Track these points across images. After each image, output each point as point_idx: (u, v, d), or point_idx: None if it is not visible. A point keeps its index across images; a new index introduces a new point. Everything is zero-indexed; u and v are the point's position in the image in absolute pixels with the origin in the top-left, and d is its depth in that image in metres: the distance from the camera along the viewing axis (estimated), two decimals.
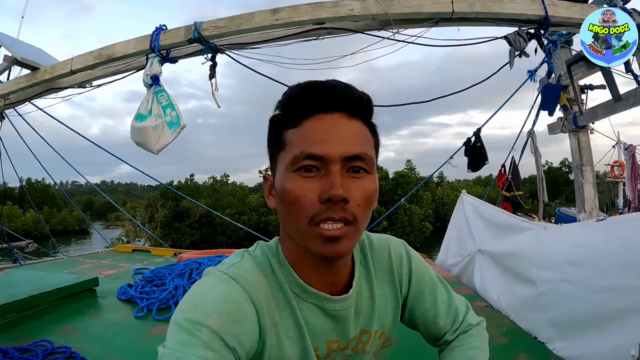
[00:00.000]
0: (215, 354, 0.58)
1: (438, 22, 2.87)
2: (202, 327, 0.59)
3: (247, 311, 0.64)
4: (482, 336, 0.88)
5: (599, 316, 1.49)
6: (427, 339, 0.90)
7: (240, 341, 0.61)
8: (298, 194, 0.62)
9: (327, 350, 0.73)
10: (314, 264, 0.70)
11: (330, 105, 0.64)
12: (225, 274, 0.67)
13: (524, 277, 2.06)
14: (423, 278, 0.85)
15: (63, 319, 2.13)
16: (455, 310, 0.87)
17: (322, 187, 0.62)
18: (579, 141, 4.19)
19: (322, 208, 0.61)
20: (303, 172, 0.63)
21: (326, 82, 0.66)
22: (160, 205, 27.54)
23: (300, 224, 0.63)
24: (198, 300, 0.63)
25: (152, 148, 2.65)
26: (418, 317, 0.85)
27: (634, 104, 3.18)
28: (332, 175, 0.61)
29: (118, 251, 4.54)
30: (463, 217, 3.32)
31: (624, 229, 1.59)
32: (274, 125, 0.70)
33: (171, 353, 0.57)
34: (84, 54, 2.89)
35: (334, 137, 0.63)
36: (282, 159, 0.66)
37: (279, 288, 0.70)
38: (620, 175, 12.28)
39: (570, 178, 31.65)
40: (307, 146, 0.62)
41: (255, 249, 0.76)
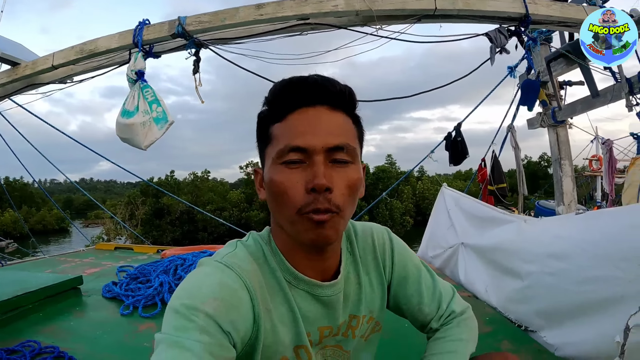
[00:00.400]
0: (211, 337, 0.60)
1: (421, 19, 2.91)
2: (198, 312, 0.60)
3: (242, 297, 0.66)
4: (467, 326, 0.89)
5: (583, 306, 1.54)
6: (415, 326, 0.92)
7: (236, 326, 0.63)
8: (285, 185, 0.65)
9: (319, 336, 0.76)
10: (305, 252, 0.73)
11: (312, 99, 0.67)
12: (220, 262, 0.70)
13: (510, 270, 2.10)
14: (406, 264, 0.87)
15: (49, 319, 2.10)
16: (439, 297, 0.88)
17: (306, 177, 0.65)
18: (558, 136, 4.32)
19: (309, 199, 0.64)
20: (289, 164, 0.66)
21: (308, 77, 0.69)
22: (140, 203, 27.13)
23: (288, 214, 0.67)
24: (194, 288, 0.65)
25: (140, 144, 2.62)
26: (403, 304, 0.88)
27: (611, 99, 3.30)
28: (316, 166, 0.64)
29: (100, 249, 4.46)
30: (444, 209, 3.36)
31: (602, 222, 1.64)
32: (261, 120, 0.72)
33: (167, 337, 0.59)
34: (65, 49, 2.83)
35: (316, 129, 0.66)
36: (269, 152, 0.69)
37: (272, 275, 0.73)
38: (598, 169, 12.68)
39: (549, 172, 32.44)
40: (291, 139, 0.65)
41: (248, 238, 0.78)
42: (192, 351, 0.57)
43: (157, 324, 2.07)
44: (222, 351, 0.60)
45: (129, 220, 23.45)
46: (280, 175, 0.66)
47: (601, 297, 1.47)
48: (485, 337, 1.86)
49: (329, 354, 0.80)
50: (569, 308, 1.63)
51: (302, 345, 0.73)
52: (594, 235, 1.60)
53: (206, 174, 33.14)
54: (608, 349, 1.36)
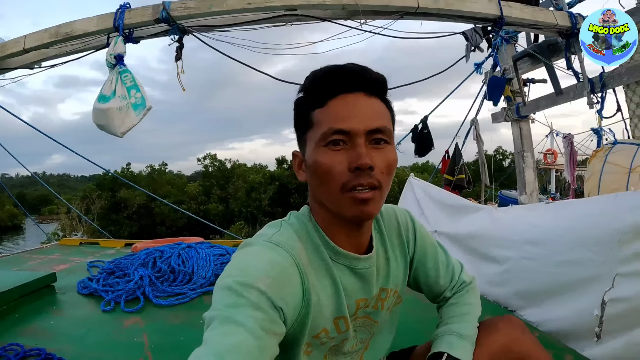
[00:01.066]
0: (263, 313, 0.62)
1: (403, 16, 2.98)
2: (250, 289, 0.62)
3: (292, 274, 0.69)
4: (474, 292, 1.00)
5: (561, 286, 1.67)
6: (428, 297, 1.01)
7: (287, 302, 0.66)
8: (329, 165, 0.70)
9: (355, 308, 0.81)
10: (344, 228, 0.77)
11: (351, 86, 0.72)
12: (269, 242, 0.72)
13: (487, 256, 2.22)
14: (425, 241, 0.95)
15: (26, 320, 1.98)
16: (452, 270, 0.98)
17: (350, 158, 0.69)
18: (521, 129, 4.57)
19: (352, 176, 0.69)
20: (332, 146, 0.70)
21: (345, 65, 0.73)
22: (96, 197, 25.86)
23: (332, 191, 0.71)
24: (246, 266, 0.67)
25: (116, 131, 2.50)
26: (422, 277, 0.96)
27: (574, 97, 3.52)
28: (359, 147, 0.69)
29: (65, 245, 4.24)
30: (413, 199, 3.44)
31: (573, 211, 1.78)
32: (300, 107, 0.77)
33: (219, 314, 0.61)
34: (39, 31, 2.62)
35: (357, 113, 0.70)
36: (311, 136, 0.73)
37: (316, 251, 0.77)
38: (553, 163, 13.49)
39: (503, 165, 34.10)
40: (334, 123, 0.70)
41: (290, 217, 0.82)
42: (245, 326, 0.59)
43: (142, 319, 2.01)
44: (274, 326, 0.63)
45: (85, 215, 22.29)
46: (324, 156, 0.70)
47: (577, 277, 1.60)
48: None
49: (359, 324, 0.85)
50: (547, 288, 1.76)
51: (342, 316, 0.78)
52: (568, 223, 1.73)
53: (163, 167, 32.06)
54: (586, 322, 1.50)
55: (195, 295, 2.31)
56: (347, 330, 0.79)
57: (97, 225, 22.00)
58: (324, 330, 0.76)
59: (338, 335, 0.79)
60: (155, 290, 2.35)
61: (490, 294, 2.15)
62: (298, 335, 0.73)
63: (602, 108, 3.39)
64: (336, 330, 0.78)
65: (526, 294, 1.90)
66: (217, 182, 30.35)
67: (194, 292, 2.33)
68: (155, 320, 2.01)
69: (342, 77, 0.72)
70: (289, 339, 0.71)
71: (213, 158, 32.23)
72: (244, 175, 30.24)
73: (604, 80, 3.31)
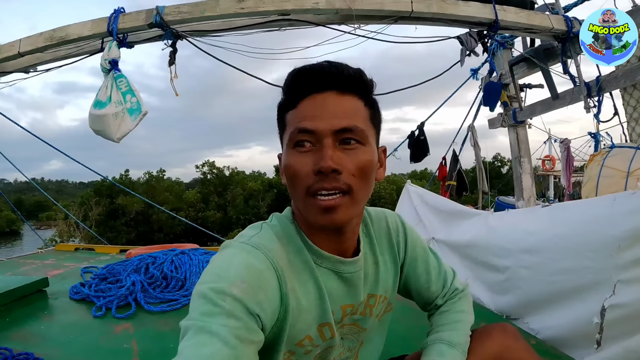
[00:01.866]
0: (238, 321, 0.60)
1: (397, 20, 2.98)
2: (225, 296, 0.60)
3: (269, 278, 0.67)
4: (467, 300, 0.97)
5: (559, 294, 1.65)
6: (420, 304, 0.98)
7: (263, 308, 0.64)
8: (296, 168, 0.68)
9: (342, 314, 0.78)
10: (324, 232, 0.74)
11: (321, 85, 0.69)
12: (247, 244, 0.70)
13: (487, 264, 2.20)
14: (416, 246, 0.92)
15: (16, 324, 1.96)
16: (444, 276, 0.95)
17: (315, 160, 0.66)
18: (518, 135, 4.55)
19: (315, 180, 0.66)
20: (299, 148, 0.68)
21: (316, 64, 0.71)
22: (94, 203, 25.84)
23: (299, 195, 0.69)
24: (221, 270, 0.65)
25: (112, 136, 2.50)
26: (412, 283, 0.93)
27: (570, 102, 3.51)
28: (324, 149, 0.66)
29: (60, 250, 4.22)
30: (410, 206, 3.43)
31: (569, 216, 1.76)
32: (279, 109, 0.75)
33: (194, 324, 0.59)
34: (33, 35, 2.63)
35: (323, 113, 0.68)
36: (284, 138, 0.72)
37: (298, 254, 0.74)
38: (551, 169, 13.48)
39: (502, 172, 34.10)
40: (299, 122, 0.68)
41: (272, 219, 0.79)
42: (219, 336, 0.57)
43: (133, 325, 1.99)
44: (250, 334, 0.61)
45: (82, 222, 22.28)
46: (291, 158, 0.69)
47: (575, 284, 1.58)
48: None
49: (345, 332, 0.82)
50: (545, 297, 1.74)
51: (326, 322, 0.75)
52: (563, 230, 1.71)
53: (161, 173, 32.01)
54: (584, 330, 1.48)
55: (187, 301, 2.28)
56: (332, 338, 0.77)
57: (95, 231, 21.96)
58: (308, 337, 0.73)
59: (323, 343, 0.76)
60: (147, 296, 2.33)
61: (492, 303, 2.13)
62: (276, 341, 0.70)
63: (599, 112, 3.37)
64: (321, 337, 0.75)
65: (526, 302, 1.88)
66: (215, 190, 30.38)
67: (186, 299, 2.31)
68: (145, 326, 1.99)
69: (311, 76, 0.70)
70: (267, 345, 0.68)
71: (211, 165, 32.29)
72: (242, 182, 30.29)
73: (601, 83, 3.30)
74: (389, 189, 27.46)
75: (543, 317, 1.75)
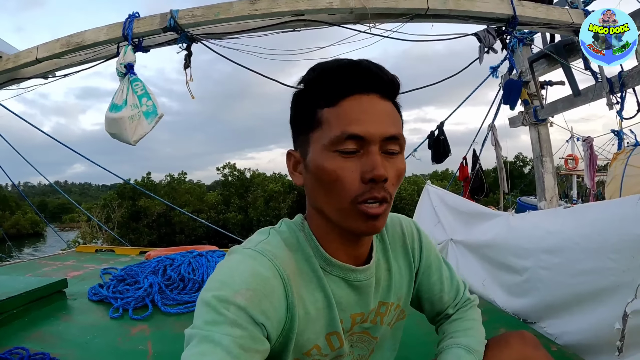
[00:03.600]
0: (242, 330, 0.58)
1: (413, 18, 2.94)
2: (229, 305, 0.59)
3: (275, 286, 0.65)
4: (478, 311, 0.96)
5: (579, 297, 1.58)
6: (429, 315, 0.95)
7: (268, 316, 0.62)
8: (339, 174, 0.64)
9: (351, 323, 0.75)
10: (342, 238, 0.72)
11: (366, 86, 0.66)
12: (254, 250, 0.68)
13: (506, 265, 2.13)
14: (430, 253, 0.90)
15: (34, 324, 1.99)
16: (457, 286, 0.93)
17: (362, 166, 0.64)
18: (539, 134, 4.44)
19: (365, 188, 0.64)
20: (344, 153, 0.64)
21: (361, 62, 0.67)
22: (116, 205, 26.44)
23: (341, 203, 0.65)
24: (226, 278, 0.63)
25: (129, 139, 2.53)
26: (425, 292, 0.90)
27: (592, 98, 3.40)
28: (373, 156, 0.64)
29: (80, 252, 4.30)
30: (430, 207, 3.39)
31: (590, 216, 1.69)
32: (304, 102, 0.69)
33: (197, 332, 0.58)
34: (50, 41, 2.69)
35: (372, 118, 0.64)
36: (318, 137, 0.66)
37: (306, 262, 0.72)
38: (574, 168, 13.12)
39: (524, 172, 33.38)
40: (347, 127, 0.63)
41: (281, 225, 0.77)
42: (222, 345, 0.56)
43: (149, 326, 2.00)
44: (255, 343, 0.59)
45: (105, 224, 22.80)
46: (333, 163, 0.64)
47: (596, 287, 1.51)
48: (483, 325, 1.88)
49: (355, 340, 0.79)
50: (565, 299, 1.67)
51: (334, 331, 0.73)
52: (585, 230, 1.64)
53: (183, 176, 32.56)
54: (606, 335, 1.41)
55: None
56: (341, 347, 0.74)
57: (117, 233, 22.58)
58: (316, 347, 0.71)
59: (331, 353, 0.74)
60: (164, 298, 2.34)
61: (510, 306, 2.06)
62: (283, 350, 0.68)
63: (622, 109, 3.25)
64: (329, 347, 0.73)
65: (545, 305, 1.81)
66: (236, 191, 30.70)
67: None
68: (161, 328, 2.00)
69: (357, 75, 0.65)
70: (274, 354, 0.67)
71: (232, 167, 32.65)
72: (263, 184, 30.51)
73: (623, 79, 3.18)
74: (410, 189, 27.20)
75: (562, 320, 1.68)
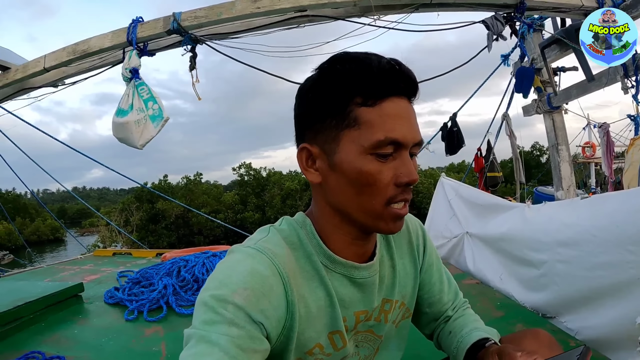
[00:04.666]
0: (240, 330, 0.58)
1: (418, 8, 2.88)
2: (227, 304, 0.59)
3: (274, 284, 0.64)
4: None
5: (598, 291, 1.54)
6: (427, 321, 0.92)
7: (267, 315, 0.61)
8: (376, 177, 0.64)
9: (355, 321, 0.74)
10: (351, 236, 0.71)
11: (403, 90, 0.65)
12: (253, 248, 0.67)
13: (522, 259, 2.09)
14: (433, 253, 0.90)
15: (51, 328, 2.04)
16: (455, 288, 0.93)
17: (396, 170, 0.64)
18: (554, 121, 4.33)
19: (398, 191, 0.65)
20: (380, 156, 0.63)
21: (400, 64, 0.65)
22: (135, 209, 26.95)
23: (375, 205, 0.66)
24: (224, 277, 0.63)
25: (135, 143, 2.56)
26: (425, 292, 0.89)
27: (607, 83, 3.30)
28: (407, 160, 0.65)
29: (98, 256, 4.38)
30: (445, 199, 3.35)
31: (608, 207, 1.63)
32: (332, 94, 0.65)
33: (195, 332, 0.58)
34: (57, 50, 2.73)
35: (408, 123, 0.65)
36: (353, 137, 0.64)
37: (307, 260, 0.71)
38: (592, 156, 12.80)
39: (541, 161, 32.75)
40: (390, 132, 0.63)
41: (281, 223, 0.75)
42: (220, 345, 0.56)
43: (164, 328, 2.02)
44: (253, 343, 0.59)
45: (124, 227, 23.26)
46: (372, 166, 0.63)
47: (615, 281, 1.47)
48: (498, 321, 1.85)
49: (360, 339, 0.78)
50: (583, 293, 1.63)
51: (337, 330, 0.71)
52: (602, 222, 1.59)
53: (199, 177, 32.97)
54: (627, 330, 1.37)
55: None
56: (344, 347, 0.73)
57: (136, 236, 23.00)
58: (318, 345, 0.70)
59: (335, 352, 0.73)
60: (179, 299, 2.37)
61: (528, 300, 2.02)
62: (285, 349, 0.67)
63: (638, 92, 3.14)
64: (332, 346, 0.72)
65: (563, 299, 1.76)
66: (253, 191, 30.97)
67: None
68: (175, 329, 2.01)
69: (399, 77, 0.64)
70: (276, 353, 0.66)
71: (248, 167, 32.95)
72: (279, 182, 30.68)
73: (638, 62, 3.07)
74: (427, 182, 26.93)
75: (581, 315, 1.63)
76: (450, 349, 0.85)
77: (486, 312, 1.95)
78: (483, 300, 2.12)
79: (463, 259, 2.83)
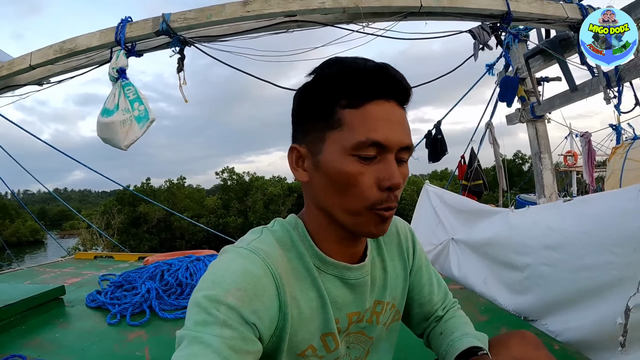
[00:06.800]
0: (232, 331, 0.58)
1: (406, 16, 2.93)
2: (219, 305, 0.58)
3: (267, 285, 0.64)
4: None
5: (581, 293, 1.57)
6: (417, 321, 0.93)
7: (260, 316, 0.61)
8: (357, 179, 0.64)
9: (348, 322, 0.74)
10: (339, 237, 0.72)
11: (390, 93, 0.65)
12: (245, 249, 0.67)
13: (506, 263, 2.12)
14: (422, 255, 0.91)
15: (32, 331, 1.99)
16: (444, 288, 0.95)
17: (379, 173, 0.64)
18: (537, 130, 4.42)
19: (382, 196, 0.65)
20: (362, 158, 0.63)
21: (388, 67, 0.66)
22: (116, 211, 26.46)
23: (356, 207, 0.66)
24: (216, 277, 0.62)
25: (120, 144, 2.52)
26: (415, 293, 0.90)
27: (589, 93, 3.39)
28: (390, 164, 0.64)
29: (79, 259, 4.29)
30: (430, 207, 3.38)
31: (592, 209, 1.67)
32: (319, 97, 0.67)
33: (188, 333, 0.57)
34: (43, 48, 2.68)
35: (393, 126, 0.65)
36: (337, 138, 0.65)
37: (300, 261, 0.71)
38: (573, 165, 13.12)
39: (523, 169, 33.37)
40: (372, 133, 0.63)
41: (274, 225, 0.75)
42: (212, 347, 0.56)
43: (147, 332, 1.99)
44: (246, 344, 0.59)
45: (105, 230, 22.79)
46: (351, 167, 0.64)
47: (598, 282, 1.50)
48: (482, 325, 1.88)
49: (352, 340, 0.79)
50: (567, 296, 1.66)
51: (329, 332, 0.71)
52: (586, 225, 1.62)
53: (182, 181, 32.58)
54: (608, 331, 1.40)
55: None
56: (337, 349, 0.73)
57: (118, 239, 22.58)
58: (311, 347, 0.70)
59: (327, 354, 0.73)
60: (162, 303, 2.33)
61: (511, 303, 2.05)
62: (276, 351, 0.67)
63: (620, 103, 3.25)
64: (325, 348, 0.72)
65: (546, 302, 1.80)
66: (236, 195, 30.73)
67: None
68: (158, 333, 1.99)
69: (384, 80, 0.64)
70: (267, 355, 0.66)
71: (231, 171, 32.69)
72: (262, 187, 30.53)
73: (620, 73, 3.17)
74: (410, 190, 27.20)
75: (563, 317, 1.66)
76: (439, 350, 0.86)
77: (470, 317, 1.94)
78: (467, 305, 2.15)
79: (448, 264, 2.87)
